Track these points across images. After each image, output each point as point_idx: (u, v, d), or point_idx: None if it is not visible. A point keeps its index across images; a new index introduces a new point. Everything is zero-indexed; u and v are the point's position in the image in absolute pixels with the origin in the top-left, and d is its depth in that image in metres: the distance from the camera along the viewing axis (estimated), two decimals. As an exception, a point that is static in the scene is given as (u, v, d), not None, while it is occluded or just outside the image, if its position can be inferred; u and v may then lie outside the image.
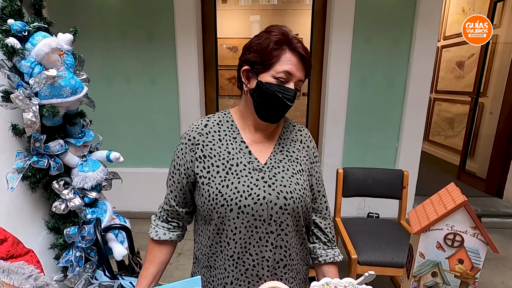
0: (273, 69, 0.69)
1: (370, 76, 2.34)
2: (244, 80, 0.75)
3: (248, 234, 0.70)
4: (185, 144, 0.76)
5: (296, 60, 0.70)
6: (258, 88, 0.71)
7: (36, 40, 0.99)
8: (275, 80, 0.70)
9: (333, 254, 0.81)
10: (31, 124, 1.00)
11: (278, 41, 0.69)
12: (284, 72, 0.69)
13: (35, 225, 1.15)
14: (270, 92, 0.70)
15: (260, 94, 0.71)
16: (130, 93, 2.43)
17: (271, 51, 0.69)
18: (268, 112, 0.72)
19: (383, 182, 1.71)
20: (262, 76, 0.71)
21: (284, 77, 0.70)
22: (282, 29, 0.71)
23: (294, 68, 0.69)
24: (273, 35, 0.70)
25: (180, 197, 0.78)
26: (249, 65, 0.73)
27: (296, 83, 0.72)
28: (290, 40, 0.70)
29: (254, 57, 0.71)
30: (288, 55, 0.69)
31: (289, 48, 0.69)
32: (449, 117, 3.98)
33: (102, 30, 2.31)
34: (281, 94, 0.69)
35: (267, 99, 0.71)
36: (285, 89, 0.70)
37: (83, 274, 1.15)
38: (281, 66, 0.69)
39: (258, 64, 0.71)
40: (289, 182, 0.73)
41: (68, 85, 1.05)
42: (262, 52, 0.70)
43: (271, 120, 0.74)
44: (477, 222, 0.60)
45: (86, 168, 1.18)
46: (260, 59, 0.70)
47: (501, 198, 2.76)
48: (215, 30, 2.50)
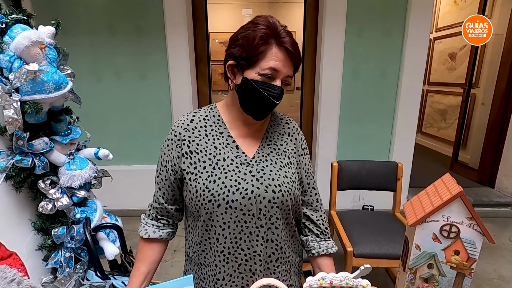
0: (259, 65, 0.66)
1: (363, 68, 2.33)
2: (229, 75, 0.72)
3: (238, 229, 0.69)
4: (171, 140, 0.74)
5: (283, 56, 0.66)
6: (243, 84, 0.68)
7: (15, 33, 0.95)
8: (261, 77, 0.67)
9: (326, 246, 0.80)
10: (13, 121, 0.95)
11: (264, 35, 0.65)
12: (269, 68, 0.66)
13: (21, 226, 1.11)
14: (256, 90, 0.67)
15: (245, 91, 0.69)
16: (120, 89, 2.38)
17: (257, 47, 0.65)
18: (254, 109, 0.70)
19: (377, 175, 1.71)
20: (248, 72, 0.68)
21: (270, 73, 0.66)
22: (269, 21, 0.67)
23: (280, 65, 0.66)
24: (259, 29, 0.66)
25: (168, 194, 0.76)
26: (234, 60, 0.69)
27: (284, 78, 0.69)
28: (278, 33, 0.66)
29: (239, 52, 0.68)
30: (274, 51, 0.66)
31: (276, 42, 0.66)
32: (441, 108, 4.01)
33: (90, 25, 2.25)
34: (267, 92, 0.67)
35: (252, 97, 0.68)
36: (271, 87, 0.67)
37: (73, 275, 1.12)
38: (266, 62, 0.66)
39: (244, 60, 0.67)
40: (277, 175, 0.71)
41: (51, 80, 1.00)
42: (247, 47, 0.66)
43: (257, 117, 0.71)
44: (473, 213, 0.60)
45: (73, 167, 1.14)
46: (245, 55, 0.67)
47: (493, 188, 2.80)
48: (206, 24, 2.45)
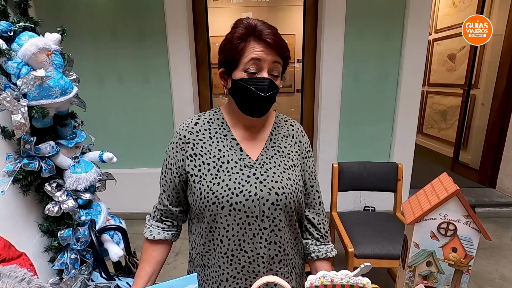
0: (241, 62, 0.68)
1: (363, 70, 2.35)
2: (223, 82, 0.75)
3: (242, 231, 0.70)
4: (176, 143, 0.75)
5: (262, 47, 0.66)
6: (233, 86, 0.70)
7: (23, 40, 0.97)
8: (246, 74, 0.68)
9: (326, 250, 0.80)
10: (20, 126, 0.98)
11: (241, 35, 0.67)
12: (251, 60, 0.67)
13: (28, 229, 1.13)
14: (243, 88, 0.68)
15: (236, 92, 0.70)
16: (122, 93, 2.41)
17: (235, 46, 0.67)
18: (248, 107, 0.71)
19: (378, 175, 1.72)
20: (234, 73, 0.70)
21: (254, 66, 0.67)
22: (247, 22, 0.68)
23: (261, 54, 0.66)
24: (237, 30, 0.68)
25: (173, 196, 0.77)
26: (223, 66, 0.72)
27: (272, 68, 0.69)
28: (255, 29, 0.66)
29: (224, 58, 0.70)
30: (252, 44, 0.67)
31: (253, 37, 0.67)
32: (442, 109, 4.02)
33: (92, 30, 2.28)
34: (254, 86, 0.67)
35: (243, 95, 0.70)
36: (258, 80, 0.68)
37: (79, 276, 1.14)
38: (247, 57, 0.67)
39: (228, 63, 0.70)
40: (280, 177, 0.72)
41: (57, 86, 1.03)
42: (228, 50, 0.69)
43: (254, 114, 0.72)
44: (470, 211, 0.61)
45: (78, 170, 1.16)
46: (228, 57, 0.69)
47: (494, 188, 2.80)
48: (207, 28, 2.48)
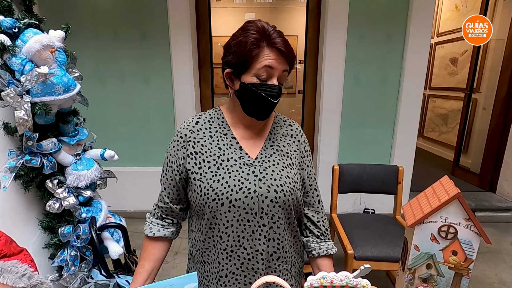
0: (254, 68, 0.68)
1: (365, 73, 2.35)
2: (228, 83, 0.75)
3: (241, 228, 0.71)
4: (177, 141, 0.77)
5: (276, 55, 0.68)
6: (242, 89, 0.71)
7: (27, 37, 0.98)
8: (257, 79, 0.69)
9: (326, 247, 0.81)
10: (23, 122, 0.98)
11: (255, 40, 0.67)
12: (264, 67, 0.68)
13: (29, 225, 1.14)
14: (254, 92, 0.69)
15: (244, 95, 0.71)
16: (124, 92, 2.41)
17: (249, 52, 0.67)
18: (255, 110, 0.72)
19: (379, 178, 1.72)
20: (244, 77, 0.70)
21: (265, 73, 0.69)
22: (259, 25, 0.69)
23: (274, 62, 0.68)
24: (250, 34, 0.68)
25: (173, 194, 0.78)
26: (230, 67, 0.72)
27: (280, 76, 0.71)
28: (268, 35, 0.68)
29: (234, 59, 0.70)
30: (266, 51, 0.68)
31: (267, 44, 0.68)
32: (443, 113, 4.02)
33: (94, 29, 2.29)
34: (265, 92, 0.69)
35: (252, 99, 0.71)
36: (269, 87, 0.69)
37: (78, 273, 1.14)
38: (261, 63, 0.68)
39: (239, 65, 0.70)
40: (279, 175, 0.73)
41: (61, 83, 1.03)
42: (241, 53, 0.68)
43: (259, 117, 0.74)
44: (470, 214, 0.61)
45: (80, 167, 1.16)
46: (240, 60, 0.69)
47: (494, 193, 2.80)
48: (210, 28, 2.49)
